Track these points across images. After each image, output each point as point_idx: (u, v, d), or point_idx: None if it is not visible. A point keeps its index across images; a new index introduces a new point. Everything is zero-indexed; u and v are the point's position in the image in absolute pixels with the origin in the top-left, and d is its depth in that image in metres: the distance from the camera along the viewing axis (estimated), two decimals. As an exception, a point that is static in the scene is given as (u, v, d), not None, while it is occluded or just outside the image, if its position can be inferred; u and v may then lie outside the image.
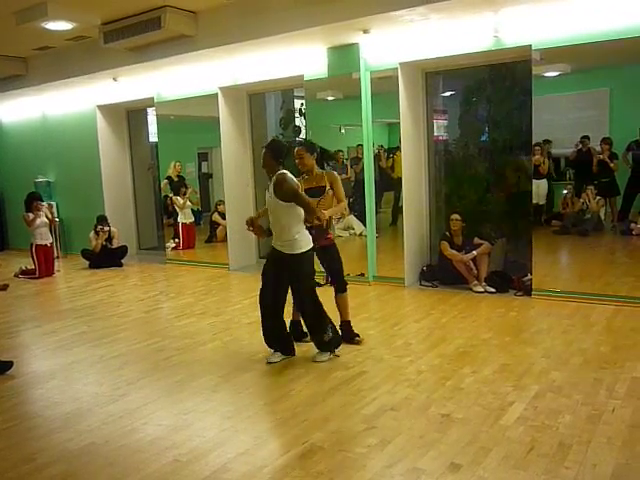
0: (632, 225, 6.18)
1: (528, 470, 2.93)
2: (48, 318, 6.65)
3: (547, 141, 6.45)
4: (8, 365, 4.78)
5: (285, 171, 4.49)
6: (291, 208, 4.47)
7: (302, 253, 4.54)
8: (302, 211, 4.48)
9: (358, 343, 5.06)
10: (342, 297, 5.12)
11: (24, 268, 9.14)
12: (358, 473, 3.00)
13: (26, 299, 7.82)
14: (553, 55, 6.01)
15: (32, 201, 9.07)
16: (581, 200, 6.43)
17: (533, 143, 6.34)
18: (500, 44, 6.26)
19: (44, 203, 9.42)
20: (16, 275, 9.06)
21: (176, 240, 9.93)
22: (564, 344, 4.84)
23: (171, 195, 9.85)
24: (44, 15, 6.73)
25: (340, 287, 5.10)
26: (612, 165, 6.16)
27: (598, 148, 6.21)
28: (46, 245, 9.15)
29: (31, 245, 9.05)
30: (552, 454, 3.07)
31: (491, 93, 7.76)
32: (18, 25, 7.03)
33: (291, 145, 4.94)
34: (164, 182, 9.91)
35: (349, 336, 5.08)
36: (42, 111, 11.24)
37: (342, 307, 5.14)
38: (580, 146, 6.31)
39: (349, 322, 5.15)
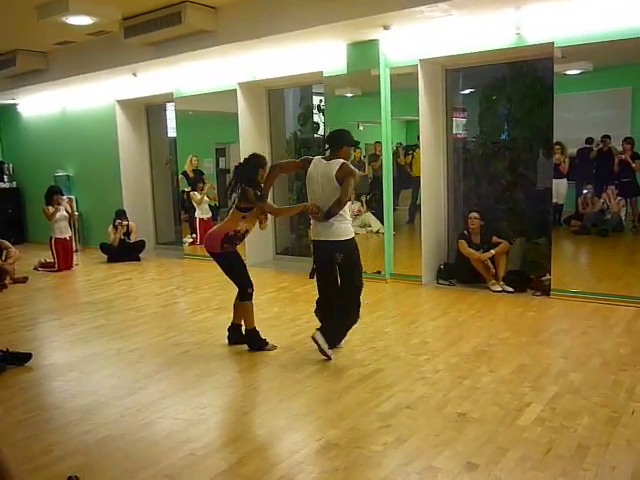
0: (653, 226, 6.11)
1: (546, 472, 2.90)
2: (66, 311, 6.71)
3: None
4: (27, 357, 4.82)
5: None
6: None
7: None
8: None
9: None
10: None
11: (43, 261, 9.23)
12: (373, 470, 2.99)
13: (45, 292, 7.90)
14: (575, 53, 5.94)
15: (52, 194, 9.14)
16: (601, 200, 6.35)
17: (554, 142, 6.28)
18: (522, 41, 6.20)
19: (64, 197, 9.50)
20: (35, 268, 9.15)
21: (193, 235, 9.97)
22: (583, 345, 4.79)
23: (187, 190, 9.89)
24: (65, 10, 6.77)
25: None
26: (634, 165, 6.06)
27: (619, 148, 6.13)
28: (65, 239, 9.22)
29: (50, 238, 9.12)
30: (570, 456, 3.04)
31: (511, 91, 7.69)
32: (39, 20, 7.08)
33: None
34: (180, 177, 9.96)
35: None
36: (62, 105, 11.34)
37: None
38: (601, 145, 6.23)
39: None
